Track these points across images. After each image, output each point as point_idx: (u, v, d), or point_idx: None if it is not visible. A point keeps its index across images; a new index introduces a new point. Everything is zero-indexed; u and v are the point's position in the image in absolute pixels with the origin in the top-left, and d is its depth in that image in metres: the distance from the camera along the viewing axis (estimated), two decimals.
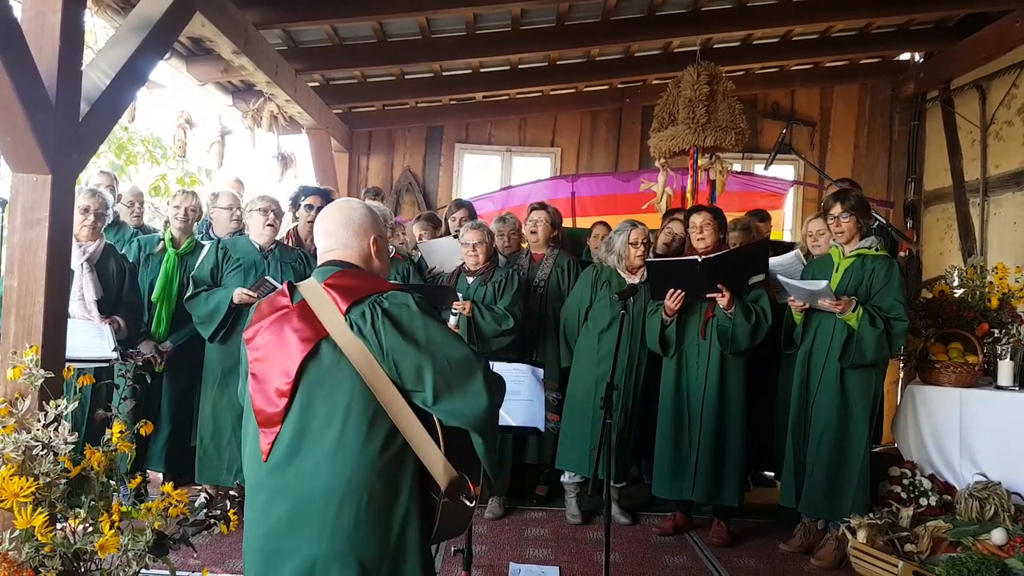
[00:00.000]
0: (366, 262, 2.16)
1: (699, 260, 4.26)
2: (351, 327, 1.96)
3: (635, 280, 4.67)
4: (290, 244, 4.86)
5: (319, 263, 2.17)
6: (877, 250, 4.25)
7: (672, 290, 4.34)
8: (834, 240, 4.40)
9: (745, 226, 5.25)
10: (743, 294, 4.37)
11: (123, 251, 4.58)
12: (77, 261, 3.96)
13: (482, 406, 1.99)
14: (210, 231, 5.09)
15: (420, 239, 5.75)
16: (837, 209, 4.23)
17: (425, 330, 1.98)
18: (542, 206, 5.40)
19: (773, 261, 4.77)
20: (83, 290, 3.98)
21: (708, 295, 4.33)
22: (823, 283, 4.08)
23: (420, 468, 2.01)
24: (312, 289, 2.06)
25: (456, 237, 5.38)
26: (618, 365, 4.57)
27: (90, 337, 3.79)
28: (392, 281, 2.27)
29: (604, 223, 5.95)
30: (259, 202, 4.47)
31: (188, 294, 4.37)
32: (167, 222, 4.98)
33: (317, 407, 1.97)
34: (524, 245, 5.42)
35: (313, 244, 4.76)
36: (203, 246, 4.80)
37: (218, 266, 4.40)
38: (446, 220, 5.96)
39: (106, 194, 4.31)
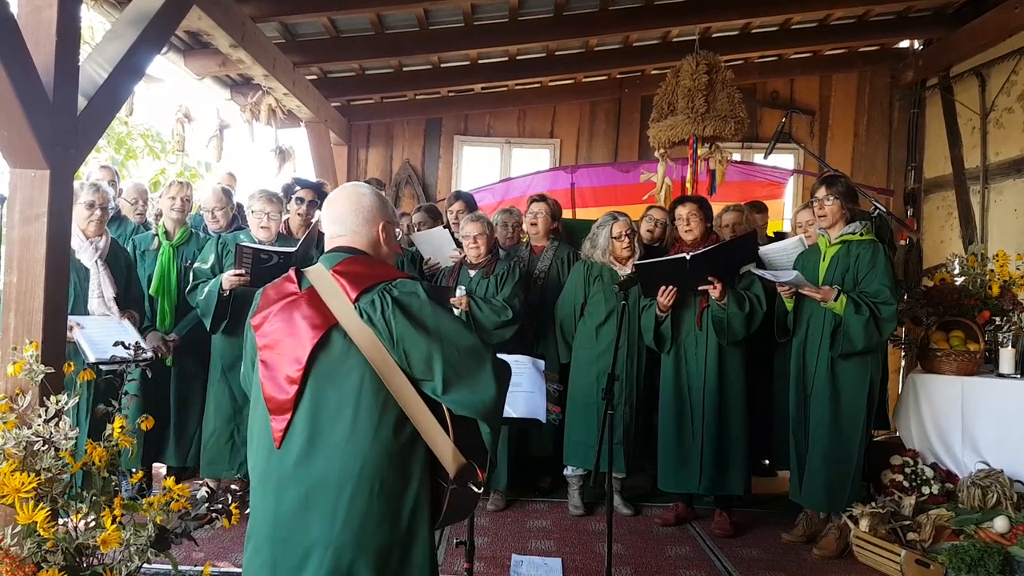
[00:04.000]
0: (374, 248, 2.16)
1: (687, 258, 4.23)
2: (361, 315, 1.96)
3: (626, 270, 4.66)
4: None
5: (327, 248, 2.17)
6: (862, 235, 4.19)
7: (664, 287, 4.33)
8: (819, 228, 4.37)
9: (737, 207, 5.26)
10: (735, 284, 4.37)
11: (124, 246, 4.59)
12: (91, 258, 3.99)
13: (490, 395, 2.00)
14: (205, 229, 5.09)
15: (418, 229, 5.75)
16: (822, 192, 4.20)
17: (435, 318, 1.99)
18: (542, 198, 5.38)
19: (776, 246, 4.77)
20: (101, 287, 4.00)
21: (700, 288, 4.32)
22: (793, 273, 4.08)
23: (429, 455, 2.02)
24: (320, 276, 2.06)
25: (447, 228, 5.40)
26: (618, 357, 4.59)
27: (116, 336, 3.77)
28: None
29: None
30: (257, 203, 4.43)
31: (188, 287, 4.41)
32: (158, 215, 4.97)
33: (328, 395, 1.97)
34: (524, 239, 5.41)
35: (303, 235, 4.79)
36: (196, 235, 4.83)
37: (219, 259, 4.41)
38: (446, 212, 5.96)
39: (108, 188, 4.31)
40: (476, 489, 2.07)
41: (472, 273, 4.76)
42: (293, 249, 4.20)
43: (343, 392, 1.96)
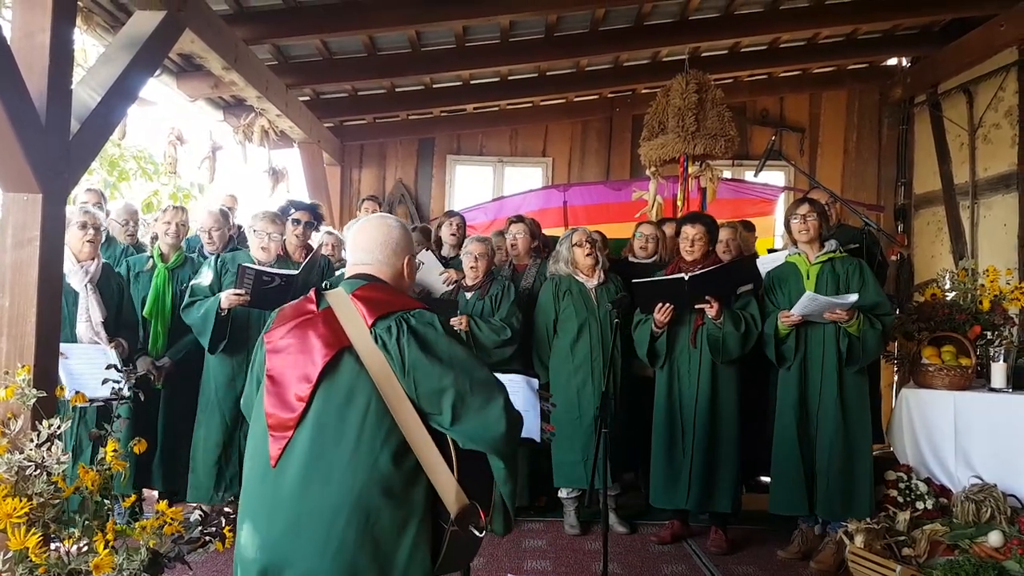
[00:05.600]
0: (397, 280, 2.17)
1: (686, 278, 4.25)
2: (375, 340, 1.95)
3: (593, 282, 4.74)
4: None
5: (348, 274, 2.17)
6: (841, 252, 4.30)
7: (661, 304, 4.35)
8: (795, 247, 4.42)
9: (731, 224, 5.30)
10: (732, 304, 4.38)
11: (116, 269, 4.57)
12: (80, 282, 3.96)
13: (500, 431, 1.97)
14: (202, 250, 5.09)
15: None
16: (805, 208, 4.32)
17: (449, 350, 1.98)
18: (519, 219, 5.51)
19: (768, 258, 4.80)
20: (89, 311, 3.96)
21: (697, 306, 4.33)
22: (854, 296, 4.07)
23: (432, 494, 1.97)
24: (340, 298, 2.06)
25: (438, 246, 5.54)
26: (596, 372, 4.61)
27: (100, 368, 3.74)
28: None
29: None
30: (259, 223, 4.45)
31: (184, 304, 4.37)
32: (154, 237, 4.97)
33: (332, 418, 1.94)
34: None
35: (300, 256, 4.80)
36: (192, 259, 4.81)
37: (218, 277, 4.40)
38: (436, 231, 5.99)
39: (98, 211, 4.31)
40: (478, 533, 2.01)
41: (468, 296, 4.81)
42: (295, 272, 4.20)
43: (348, 416, 1.93)
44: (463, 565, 2.17)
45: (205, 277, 4.42)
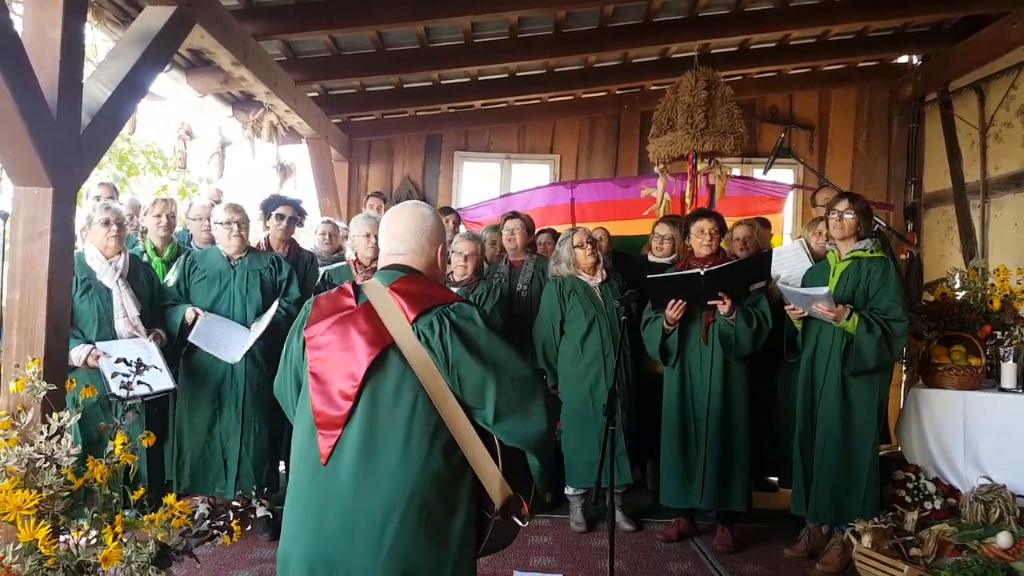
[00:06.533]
0: (431, 269, 2.15)
1: (702, 273, 4.24)
2: (418, 336, 1.94)
3: (596, 280, 4.74)
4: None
5: (381, 265, 2.15)
6: (873, 252, 4.19)
7: (673, 301, 4.33)
8: (830, 243, 4.38)
9: (748, 222, 5.28)
10: (743, 300, 4.37)
11: None
12: (111, 279, 3.97)
13: (541, 429, 1.99)
14: (191, 243, 5.10)
15: None
16: (844, 205, 4.19)
17: (490, 346, 1.97)
18: (515, 215, 5.50)
19: (775, 251, 4.79)
20: (124, 307, 3.98)
21: (709, 303, 4.32)
22: (824, 290, 4.04)
23: (476, 484, 1.99)
24: (378, 292, 2.03)
25: None
26: (608, 367, 4.58)
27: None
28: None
29: (551, 229, 6.03)
30: (222, 214, 4.44)
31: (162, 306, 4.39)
32: (144, 231, 4.98)
33: (381, 415, 1.94)
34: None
35: (283, 251, 4.80)
36: (186, 252, 4.83)
37: (184, 277, 4.40)
38: None
39: (118, 205, 4.32)
40: (520, 522, 2.03)
41: (454, 291, 4.76)
42: (248, 346, 4.22)
43: (396, 414, 1.93)
44: (502, 548, 2.18)
45: (172, 279, 4.44)
